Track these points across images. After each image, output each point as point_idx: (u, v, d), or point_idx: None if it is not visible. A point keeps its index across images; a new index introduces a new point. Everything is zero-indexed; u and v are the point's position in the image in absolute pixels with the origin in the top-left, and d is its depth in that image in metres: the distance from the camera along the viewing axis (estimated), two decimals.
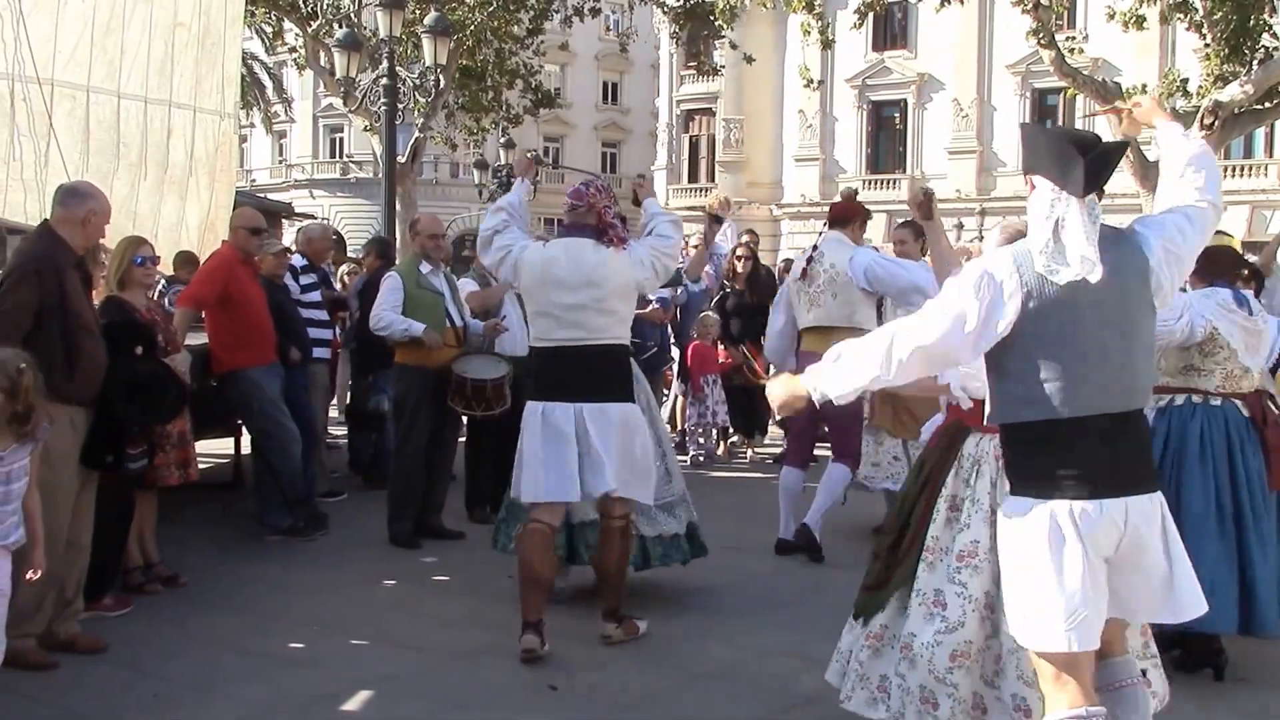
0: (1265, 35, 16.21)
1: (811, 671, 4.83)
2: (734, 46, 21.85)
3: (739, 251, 10.85)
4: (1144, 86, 18.35)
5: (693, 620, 5.95)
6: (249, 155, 48.35)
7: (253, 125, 40.49)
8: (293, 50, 24.86)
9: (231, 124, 9.70)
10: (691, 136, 45.47)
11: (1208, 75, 16.44)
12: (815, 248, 7.32)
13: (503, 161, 30.48)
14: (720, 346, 10.78)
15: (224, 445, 9.43)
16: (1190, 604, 3.30)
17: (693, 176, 45.07)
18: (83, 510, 5.28)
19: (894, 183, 39.52)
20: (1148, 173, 16.42)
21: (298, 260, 8.59)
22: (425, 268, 7.74)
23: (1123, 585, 3.26)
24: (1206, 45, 16.45)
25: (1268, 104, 15.98)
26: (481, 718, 4.74)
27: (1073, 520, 3.14)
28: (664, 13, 22.55)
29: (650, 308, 10.47)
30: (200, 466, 6.94)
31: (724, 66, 28.82)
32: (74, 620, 5.30)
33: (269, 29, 24.92)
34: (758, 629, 5.79)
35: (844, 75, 39.42)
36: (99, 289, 6.31)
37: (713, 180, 42.70)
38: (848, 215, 7.45)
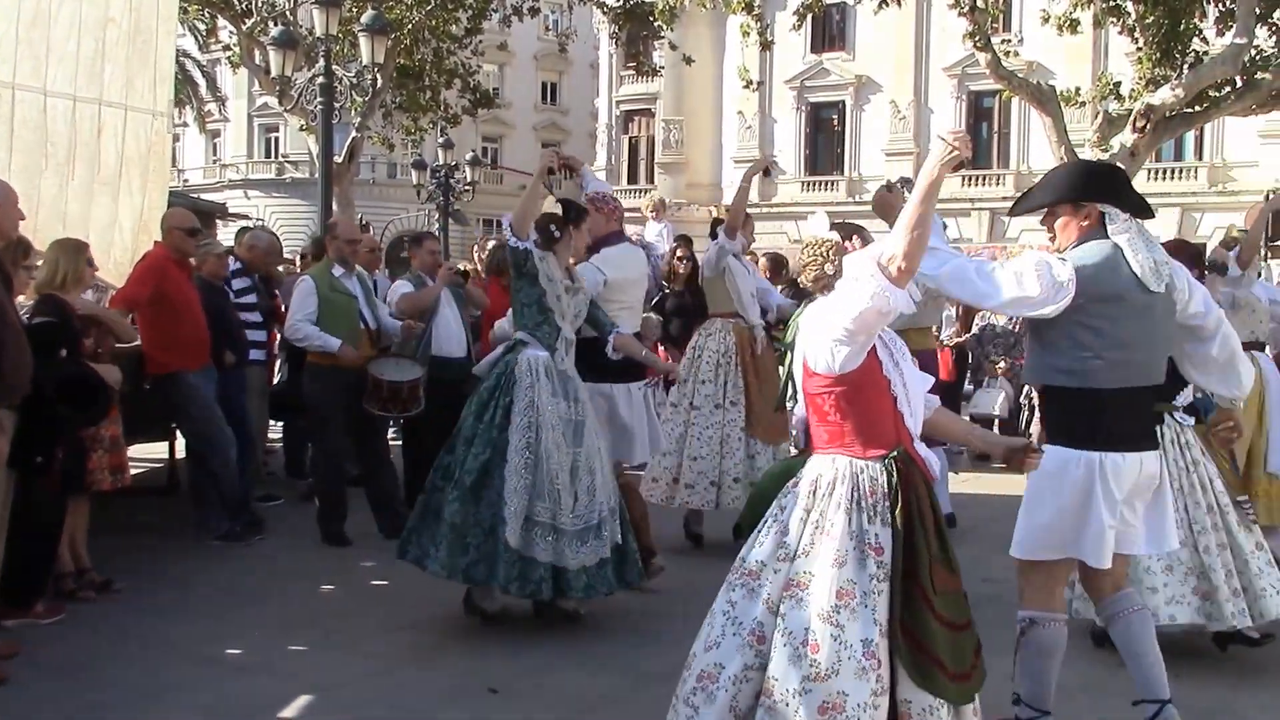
0: (1195, 39, 16.47)
1: None
2: (674, 47, 21.77)
3: (679, 253, 10.81)
4: (1078, 89, 18.57)
5: (642, 625, 5.92)
6: (182, 155, 47.56)
7: (186, 124, 39.85)
8: (227, 48, 24.52)
9: (164, 123, 9.49)
10: (631, 137, 45.39)
11: (1140, 79, 16.67)
12: None
13: (440, 162, 30.22)
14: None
15: (158, 449, 9.28)
16: None
17: (632, 177, 44.98)
18: None
19: (832, 184, 39.79)
20: None
21: (233, 264, 8.48)
22: (338, 271, 7.82)
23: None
24: (1139, 49, 16.69)
25: (1198, 107, 16.23)
26: None
27: None
28: (603, 13, 22.50)
29: None
30: (134, 471, 6.81)
31: (663, 67, 28.81)
32: None
33: (202, 26, 24.53)
34: None
35: (783, 77, 39.57)
36: (27, 292, 6.15)
37: (652, 181, 42.66)
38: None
